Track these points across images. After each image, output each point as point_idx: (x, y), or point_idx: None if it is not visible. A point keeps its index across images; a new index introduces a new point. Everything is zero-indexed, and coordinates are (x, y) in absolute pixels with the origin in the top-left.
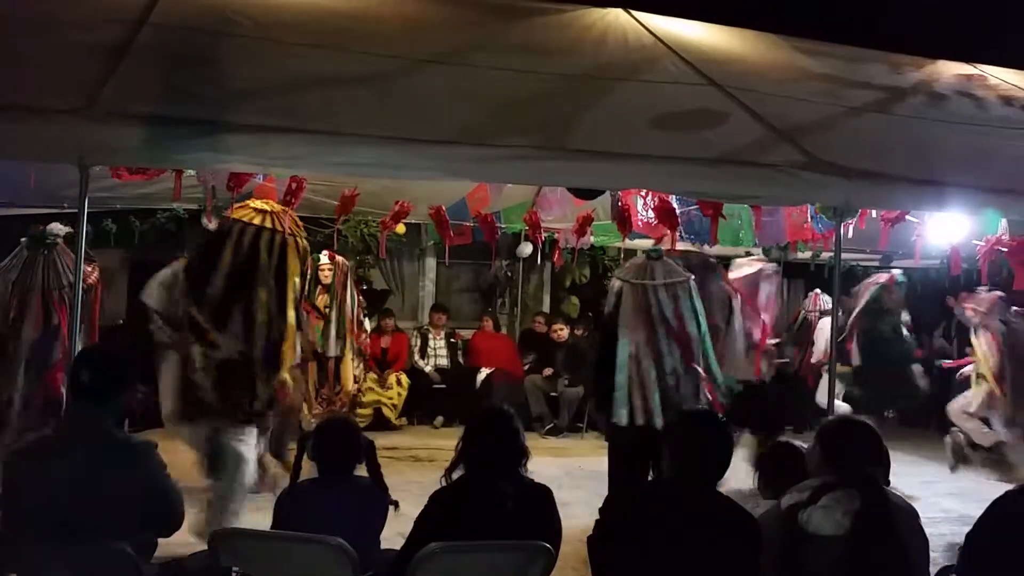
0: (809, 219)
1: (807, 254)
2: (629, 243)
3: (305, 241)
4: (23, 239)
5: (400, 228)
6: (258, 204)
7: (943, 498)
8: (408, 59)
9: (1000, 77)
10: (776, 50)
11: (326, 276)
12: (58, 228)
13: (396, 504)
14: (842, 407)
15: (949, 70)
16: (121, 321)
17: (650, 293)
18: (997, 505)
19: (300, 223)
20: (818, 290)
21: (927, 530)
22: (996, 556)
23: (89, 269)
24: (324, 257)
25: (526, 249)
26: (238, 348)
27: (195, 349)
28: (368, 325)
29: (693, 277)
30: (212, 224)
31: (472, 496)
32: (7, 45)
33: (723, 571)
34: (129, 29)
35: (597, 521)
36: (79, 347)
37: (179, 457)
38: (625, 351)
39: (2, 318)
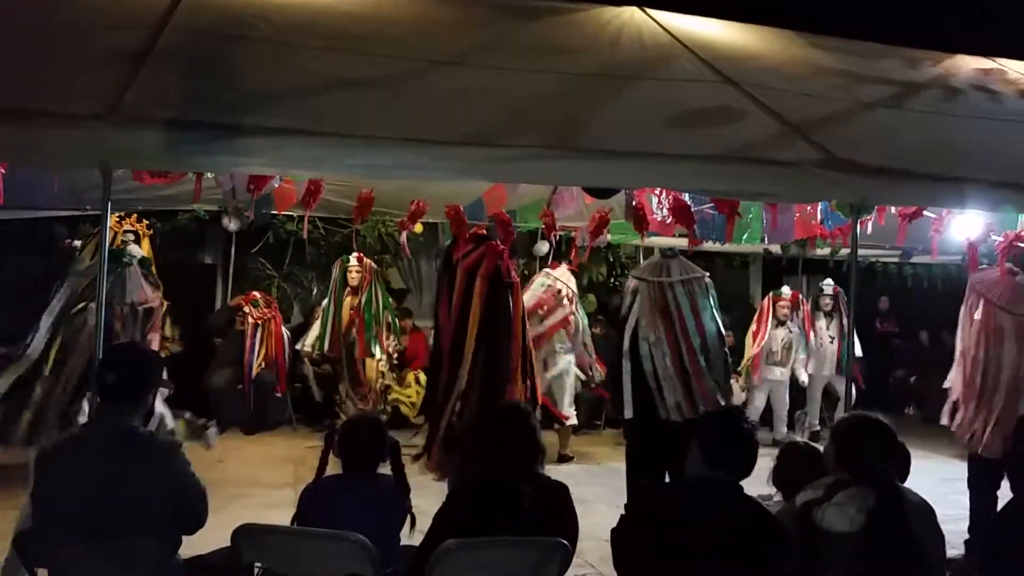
0: (819, 216)
1: (826, 251)
2: (647, 241)
3: None
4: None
5: (418, 227)
6: None
7: (962, 495)
8: (423, 60)
9: (1020, 71)
10: (791, 47)
11: (354, 278)
12: (136, 251)
13: (413, 521)
14: None
15: (968, 64)
16: None
17: (667, 290)
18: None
19: None
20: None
21: (945, 527)
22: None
23: (152, 295)
24: (353, 259)
25: (543, 248)
26: None
27: None
28: (396, 326)
29: (708, 275)
30: (233, 225)
31: (490, 493)
32: (31, 52)
33: (748, 570)
34: (150, 34)
35: (623, 515)
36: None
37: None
38: (645, 346)
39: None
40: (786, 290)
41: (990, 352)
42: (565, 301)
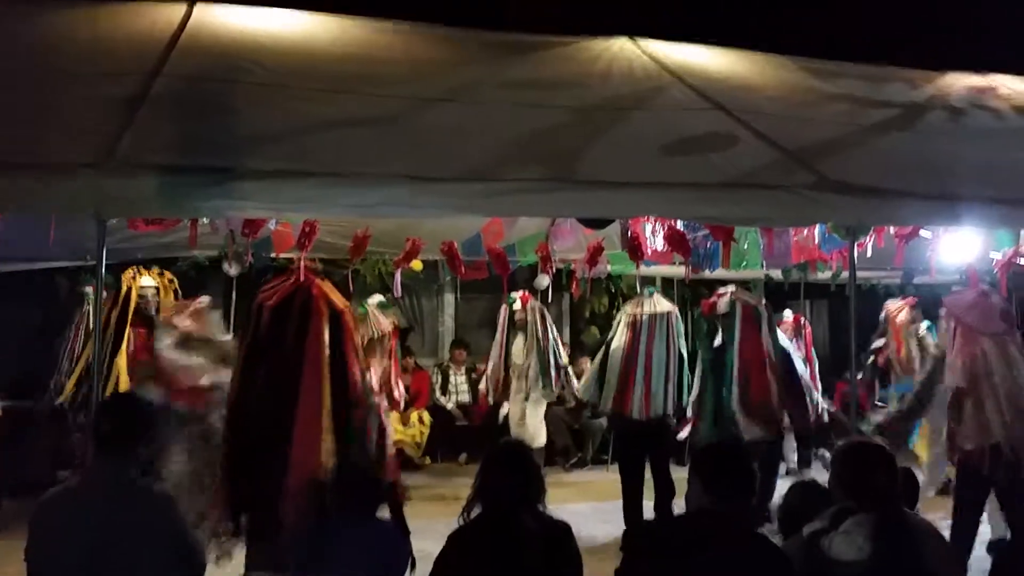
0: (816, 240)
1: (827, 274)
2: (645, 270)
3: None
4: None
5: (417, 265)
6: None
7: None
8: (415, 99)
9: (1012, 87)
10: (781, 71)
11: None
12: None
13: (414, 565)
14: None
15: (960, 82)
16: None
17: (639, 319)
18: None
19: None
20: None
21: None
22: None
23: None
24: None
25: (543, 281)
26: None
27: None
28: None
29: (675, 311)
30: (233, 270)
31: (490, 534)
32: (24, 100)
33: None
34: (144, 81)
35: (624, 554)
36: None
37: None
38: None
39: None
40: (788, 313)
41: (974, 378)
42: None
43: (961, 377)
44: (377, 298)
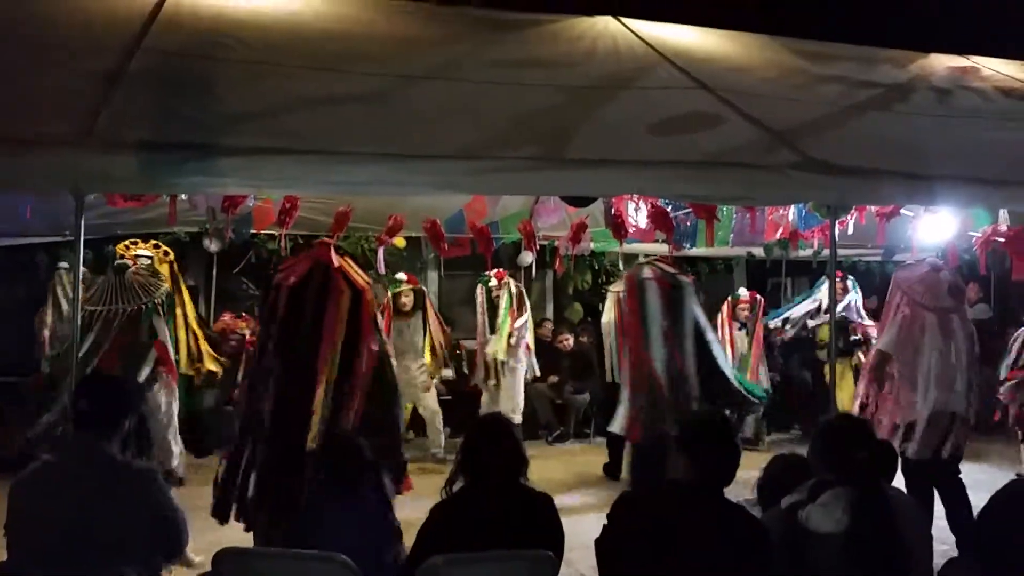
0: (791, 218)
1: (808, 252)
2: (628, 247)
3: None
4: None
5: (400, 242)
6: None
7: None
8: (400, 76)
9: (993, 68)
10: (766, 51)
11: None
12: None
13: (399, 536)
14: None
15: (942, 63)
16: None
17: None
18: (1004, 491)
19: None
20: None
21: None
22: (1005, 540)
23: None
24: None
25: (527, 258)
26: None
27: None
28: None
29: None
30: (213, 246)
31: (473, 507)
32: (1, 75)
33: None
34: (123, 56)
35: (606, 524)
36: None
37: None
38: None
39: None
40: (743, 291)
41: (908, 351)
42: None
43: (890, 345)
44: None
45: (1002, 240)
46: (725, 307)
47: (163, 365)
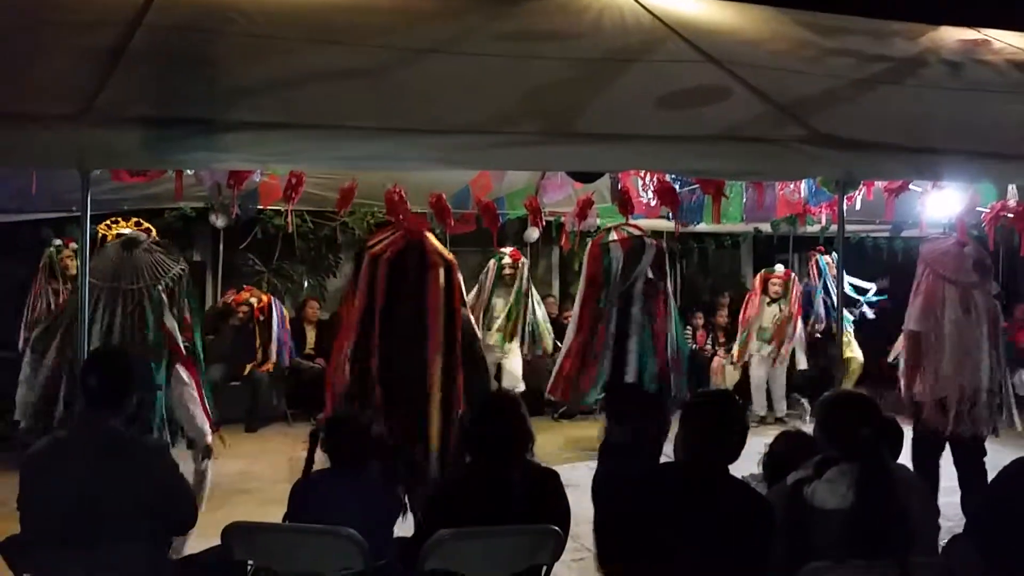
0: (802, 193)
1: (816, 227)
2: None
3: None
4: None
5: None
6: None
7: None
8: (404, 50)
9: (1004, 40)
10: (774, 23)
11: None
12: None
13: (406, 511)
14: None
15: (953, 36)
16: None
17: None
18: (1005, 472)
19: None
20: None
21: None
22: (1004, 521)
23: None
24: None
25: (533, 234)
26: None
27: None
28: None
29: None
30: (220, 222)
31: (479, 482)
32: (2, 51)
33: (735, 554)
34: (124, 31)
35: (603, 503)
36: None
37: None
38: None
39: None
40: (779, 267)
41: (931, 323)
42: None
43: (916, 321)
44: None
45: (1011, 216)
46: (757, 280)
47: (177, 360)
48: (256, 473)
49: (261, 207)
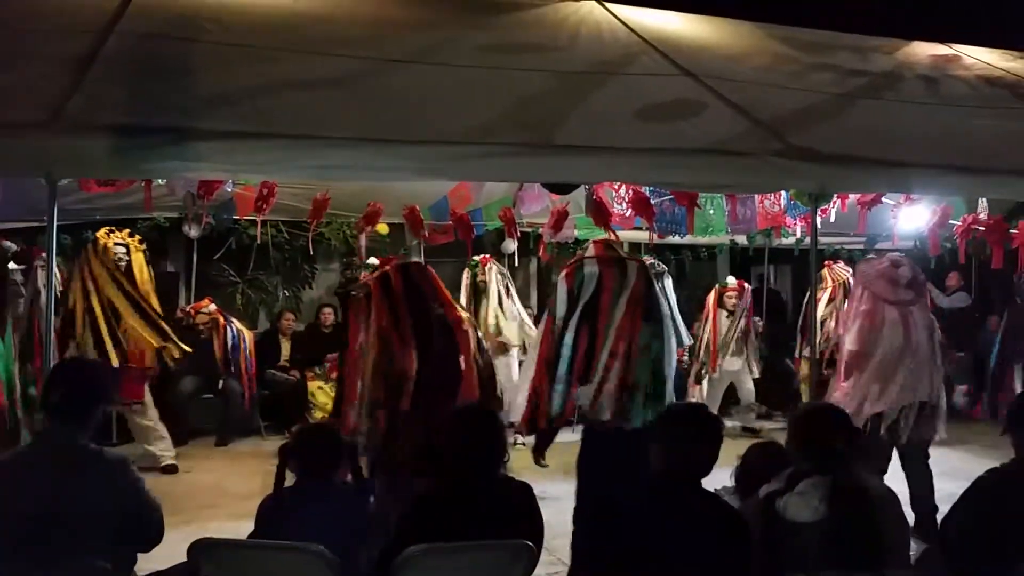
0: (782, 207)
1: (791, 240)
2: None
3: None
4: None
5: (383, 228)
6: None
7: (947, 481)
8: (379, 60)
9: (975, 56)
10: (751, 38)
11: None
12: None
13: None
14: None
15: (924, 51)
16: None
17: None
18: (975, 486)
19: None
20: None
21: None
22: (975, 535)
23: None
24: None
25: (510, 245)
26: None
27: None
28: None
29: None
30: (193, 232)
31: (451, 497)
32: None
33: (707, 568)
34: (95, 39)
35: (581, 516)
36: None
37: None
38: None
39: None
40: (731, 279)
41: (870, 343)
42: None
43: (856, 341)
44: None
45: (982, 228)
46: (712, 294)
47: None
48: (227, 487)
49: (237, 217)
